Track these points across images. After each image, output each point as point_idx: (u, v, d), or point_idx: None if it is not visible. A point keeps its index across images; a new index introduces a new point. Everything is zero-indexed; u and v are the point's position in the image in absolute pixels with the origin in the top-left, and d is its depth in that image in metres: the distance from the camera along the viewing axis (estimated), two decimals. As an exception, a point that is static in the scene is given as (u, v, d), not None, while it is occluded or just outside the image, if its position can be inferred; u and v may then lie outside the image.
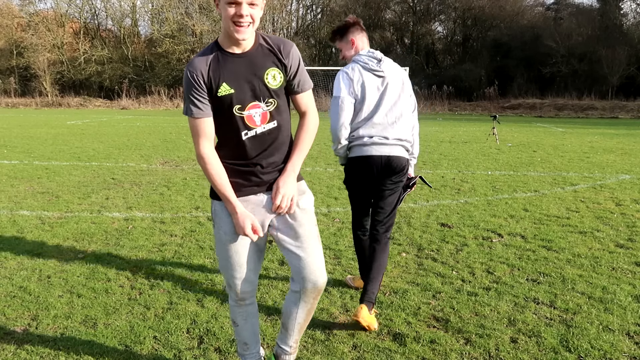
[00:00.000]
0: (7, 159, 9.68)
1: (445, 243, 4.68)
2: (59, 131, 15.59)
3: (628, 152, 11.52)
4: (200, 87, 2.00)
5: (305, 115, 2.21)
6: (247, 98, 2.05)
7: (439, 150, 11.57)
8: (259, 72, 2.04)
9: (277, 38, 2.11)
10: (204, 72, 1.99)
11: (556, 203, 6.30)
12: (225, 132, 2.10)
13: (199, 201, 6.28)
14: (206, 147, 2.06)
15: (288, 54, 2.08)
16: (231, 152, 2.11)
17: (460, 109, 30.69)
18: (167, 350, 2.78)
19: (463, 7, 35.86)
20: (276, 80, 2.08)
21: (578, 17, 34.47)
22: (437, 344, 2.86)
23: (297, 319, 2.30)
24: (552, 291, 3.58)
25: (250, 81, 2.04)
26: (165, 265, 4.04)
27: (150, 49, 37.07)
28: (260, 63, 2.05)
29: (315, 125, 2.22)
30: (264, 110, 2.08)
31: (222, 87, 2.01)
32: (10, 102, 33.72)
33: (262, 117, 2.09)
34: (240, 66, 2.03)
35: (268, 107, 2.09)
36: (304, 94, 2.18)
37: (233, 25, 1.94)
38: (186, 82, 2.02)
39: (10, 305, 3.30)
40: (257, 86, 2.05)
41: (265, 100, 2.08)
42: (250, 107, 2.06)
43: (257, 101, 2.06)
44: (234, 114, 2.05)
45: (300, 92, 2.16)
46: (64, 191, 6.77)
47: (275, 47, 2.07)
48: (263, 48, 2.07)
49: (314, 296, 2.24)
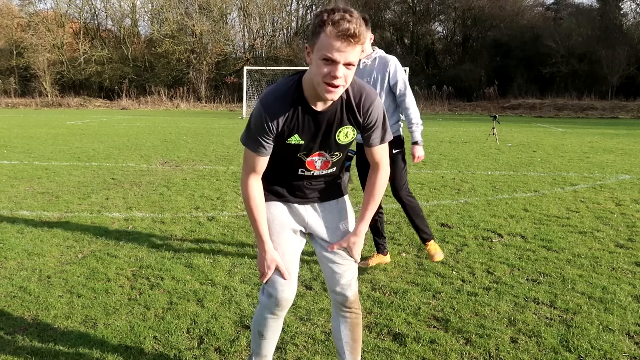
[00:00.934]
0: (7, 159, 9.68)
1: (445, 243, 4.68)
2: (58, 131, 15.59)
3: (628, 152, 11.52)
4: (272, 133, 1.92)
5: (378, 168, 2.12)
6: (314, 149, 2.01)
7: (438, 150, 11.57)
8: (334, 130, 1.97)
9: (360, 87, 1.95)
10: (280, 121, 1.90)
11: (556, 203, 6.30)
12: (281, 165, 2.07)
13: (199, 201, 6.28)
14: (255, 179, 2.03)
15: (367, 112, 1.96)
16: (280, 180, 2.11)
17: (460, 109, 30.69)
18: (167, 350, 2.78)
19: (463, 7, 35.87)
20: (347, 137, 2.02)
21: (578, 17, 34.48)
22: (437, 344, 2.86)
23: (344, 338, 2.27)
24: (552, 291, 3.58)
25: (322, 136, 1.98)
26: (165, 265, 4.04)
27: (150, 49, 37.07)
28: (337, 121, 1.96)
29: (386, 181, 2.16)
30: (327, 159, 2.07)
31: (294, 137, 1.95)
32: (10, 102, 33.71)
33: (323, 164, 2.07)
34: (317, 123, 1.94)
35: (332, 158, 2.08)
36: (378, 147, 2.08)
37: (324, 85, 1.77)
38: (258, 123, 1.90)
39: (10, 305, 3.30)
40: (327, 141, 2.00)
41: (332, 152, 2.05)
42: (315, 154, 2.04)
43: (323, 151, 2.04)
44: (296, 157, 2.03)
45: (374, 146, 2.07)
46: (64, 191, 6.77)
47: (355, 101, 1.94)
48: (343, 103, 1.94)
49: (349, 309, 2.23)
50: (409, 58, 34.58)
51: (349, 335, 2.27)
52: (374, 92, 1.99)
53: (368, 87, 1.99)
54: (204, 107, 33.07)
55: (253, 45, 37.70)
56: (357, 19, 1.71)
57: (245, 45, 38.91)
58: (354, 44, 1.71)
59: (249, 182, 2.03)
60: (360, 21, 1.71)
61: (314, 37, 1.75)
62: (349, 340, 2.27)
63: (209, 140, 13.39)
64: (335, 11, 1.70)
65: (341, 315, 2.25)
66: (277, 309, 2.12)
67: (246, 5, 36.83)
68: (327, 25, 1.69)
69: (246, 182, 2.03)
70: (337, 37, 1.69)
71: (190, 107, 32.56)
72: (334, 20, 1.68)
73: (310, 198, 2.16)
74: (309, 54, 1.80)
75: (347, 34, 1.68)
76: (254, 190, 2.03)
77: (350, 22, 1.68)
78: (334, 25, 1.68)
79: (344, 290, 2.19)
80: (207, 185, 7.24)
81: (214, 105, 33.56)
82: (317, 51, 1.74)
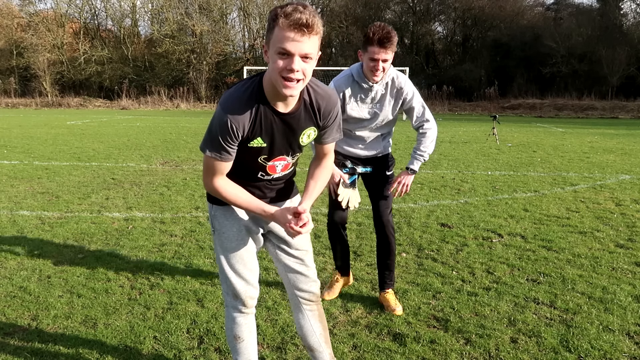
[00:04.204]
0: (7, 159, 9.68)
1: (445, 243, 4.68)
2: (59, 131, 15.59)
3: (628, 152, 11.52)
4: (237, 138, 1.85)
5: (326, 157, 2.16)
6: (275, 153, 1.98)
7: (439, 150, 11.57)
8: (297, 133, 1.95)
9: (323, 93, 1.95)
10: (244, 124, 1.83)
11: (556, 203, 6.30)
12: (240, 169, 2.01)
13: (199, 201, 6.28)
14: (221, 179, 1.96)
15: (327, 116, 1.97)
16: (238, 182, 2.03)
17: (460, 109, 30.70)
18: (167, 350, 2.78)
19: (463, 7, 35.86)
20: (310, 138, 2.02)
21: (578, 17, 34.48)
22: (437, 344, 2.86)
23: (317, 331, 2.27)
24: (552, 291, 3.58)
25: (285, 140, 1.95)
26: (165, 265, 4.04)
27: (150, 49, 37.06)
28: (301, 125, 1.94)
29: (332, 166, 2.18)
30: (288, 162, 2.06)
31: (256, 140, 1.90)
32: (10, 102, 33.71)
33: (283, 167, 2.06)
34: (279, 127, 1.91)
35: (293, 160, 2.07)
36: (329, 145, 2.11)
37: (281, 80, 1.72)
38: (222, 128, 1.82)
39: (10, 305, 3.30)
40: (290, 144, 1.98)
41: (293, 154, 2.04)
42: (276, 159, 2.01)
43: (285, 155, 2.01)
44: (257, 161, 1.99)
45: (327, 144, 2.09)
46: (64, 191, 6.77)
47: (317, 107, 1.93)
48: (306, 107, 1.92)
49: (314, 302, 2.25)
50: (409, 58, 34.59)
51: (320, 325, 2.27)
52: (335, 95, 1.98)
53: (329, 90, 1.98)
54: (204, 107, 33.07)
55: (253, 45, 37.68)
56: (312, 11, 1.69)
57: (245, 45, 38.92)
58: (308, 33, 1.67)
59: (217, 183, 1.95)
60: (314, 13, 1.70)
61: (269, 33, 1.73)
62: (321, 331, 2.27)
63: (209, 140, 13.38)
64: (289, 4, 1.69)
65: (308, 310, 2.24)
66: (244, 307, 2.16)
67: (246, 5, 36.82)
68: (280, 17, 1.67)
69: (213, 184, 1.95)
70: (290, 28, 1.66)
71: (190, 107, 32.56)
72: (286, 12, 1.66)
73: (268, 197, 2.13)
74: (266, 52, 1.76)
75: (299, 23, 1.65)
76: (225, 186, 1.96)
77: (303, 13, 1.66)
78: (286, 17, 1.66)
79: (310, 288, 2.21)
80: (207, 185, 7.24)
81: (214, 105, 33.54)
82: (272, 46, 1.71)
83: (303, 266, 2.20)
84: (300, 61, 1.70)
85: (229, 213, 2.11)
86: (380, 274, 3.38)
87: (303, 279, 2.20)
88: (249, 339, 2.23)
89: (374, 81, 3.03)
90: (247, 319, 2.20)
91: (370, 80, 3.03)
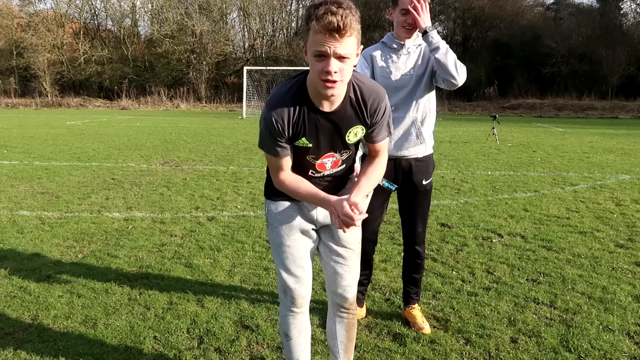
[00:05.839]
0: (7, 159, 9.68)
1: (445, 243, 4.68)
2: (58, 131, 15.59)
3: (628, 152, 11.52)
4: (283, 134, 1.87)
5: (378, 156, 2.09)
6: (322, 151, 1.98)
7: (439, 150, 11.57)
8: (343, 131, 1.93)
9: (369, 89, 1.91)
10: (288, 123, 1.85)
11: (556, 203, 6.30)
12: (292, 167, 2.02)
13: (198, 201, 6.28)
14: (286, 174, 1.99)
15: (374, 113, 1.92)
16: None
17: (460, 109, 30.69)
18: (167, 350, 2.78)
19: (463, 7, 35.86)
20: (357, 137, 1.98)
21: (578, 17, 34.49)
22: (437, 344, 2.86)
23: (339, 338, 2.26)
24: (552, 291, 3.58)
25: (330, 138, 1.94)
26: (165, 265, 4.04)
27: (150, 49, 37.07)
28: (346, 123, 1.91)
29: (385, 165, 2.10)
30: (337, 159, 2.03)
31: (301, 140, 1.91)
32: (10, 103, 33.72)
33: (333, 164, 2.04)
34: (324, 126, 1.90)
35: (342, 157, 2.04)
36: (379, 143, 2.05)
37: (321, 82, 1.73)
38: (268, 126, 1.86)
39: (10, 305, 3.30)
40: (336, 142, 1.96)
41: (341, 152, 2.01)
42: (324, 156, 1.99)
43: (332, 152, 1.99)
44: (305, 159, 1.99)
45: (378, 142, 2.03)
46: (64, 191, 6.77)
47: (363, 103, 1.90)
48: (352, 103, 1.89)
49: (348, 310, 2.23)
50: (409, 58, 34.52)
51: (345, 335, 2.26)
52: (382, 90, 1.95)
53: (377, 85, 1.95)
54: (204, 107, 33.07)
55: (253, 45, 37.69)
56: (345, 10, 1.65)
57: (245, 46, 38.93)
58: (341, 36, 1.66)
59: (282, 178, 1.98)
60: (348, 12, 1.65)
61: (305, 35, 1.74)
62: (344, 340, 2.27)
63: (209, 141, 13.39)
64: (321, 5, 1.67)
65: (338, 315, 2.25)
66: (293, 305, 2.13)
67: (246, 5, 36.82)
68: (312, 20, 1.67)
69: (279, 179, 1.99)
70: (322, 32, 1.66)
71: (190, 107, 32.56)
72: (318, 15, 1.65)
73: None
74: (306, 53, 1.77)
75: (330, 28, 1.64)
76: (291, 180, 1.98)
77: (335, 15, 1.64)
78: (318, 20, 1.65)
79: (345, 292, 2.19)
80: (207, 186, 7.25)
81: (214, 106, 33.57)
82: (309, 48, 1.72)
83: (344, 267, 2.16)
84: (337, 62, 1.70)
85: (281, 208, 2.11)
86: (406, 289, 3.14)
87: (340, 281, 2.17)
88: (298, 339, 2.20)
89: (407, 37, 2.79)
90: (297, 319, 2.17)
91: (403, 38, 2.80)
